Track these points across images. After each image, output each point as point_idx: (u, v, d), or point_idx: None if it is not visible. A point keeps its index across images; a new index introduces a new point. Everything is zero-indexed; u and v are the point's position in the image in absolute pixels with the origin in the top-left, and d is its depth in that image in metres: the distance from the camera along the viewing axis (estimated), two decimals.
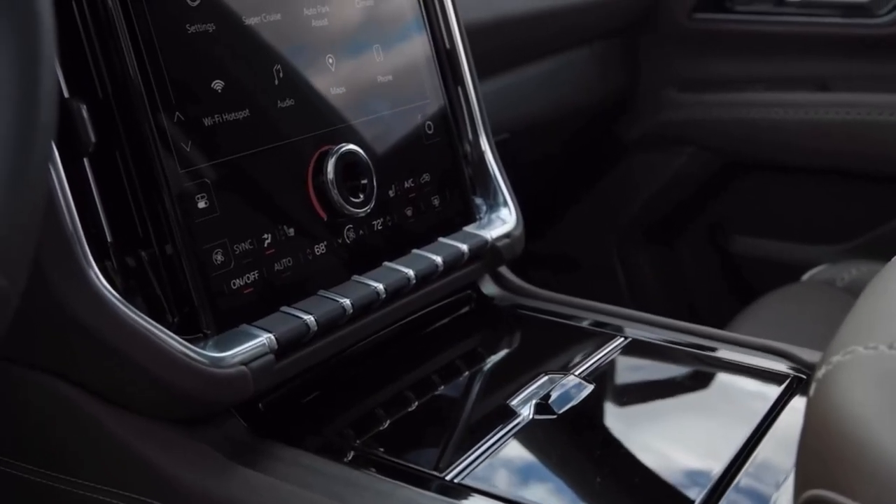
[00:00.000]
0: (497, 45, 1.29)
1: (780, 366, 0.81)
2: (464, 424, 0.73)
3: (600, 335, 0.86)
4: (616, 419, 0.74)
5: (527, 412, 0.72)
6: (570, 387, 0.76)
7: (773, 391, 0.76)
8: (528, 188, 1.72)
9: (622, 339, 0.85)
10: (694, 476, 0.66)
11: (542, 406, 0.73)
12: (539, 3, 1.37)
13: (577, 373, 0.78)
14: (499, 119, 1.26)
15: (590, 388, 0.76)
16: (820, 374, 0.52)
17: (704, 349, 0.84)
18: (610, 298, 1.86)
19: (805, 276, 1.47)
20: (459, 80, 0.95)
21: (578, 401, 0.74)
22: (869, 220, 1.71)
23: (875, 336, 0.51)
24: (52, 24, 0.40)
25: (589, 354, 0.82)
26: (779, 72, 1.71)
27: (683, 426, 0.73)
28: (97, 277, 0.59)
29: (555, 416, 0.72)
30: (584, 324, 0.89)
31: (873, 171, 1.65)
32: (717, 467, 0.66)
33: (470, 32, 0.98)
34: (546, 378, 0.77)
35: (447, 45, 0.95)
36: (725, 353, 0.83)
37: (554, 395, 0.74)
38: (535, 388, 0.76)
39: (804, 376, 0.78)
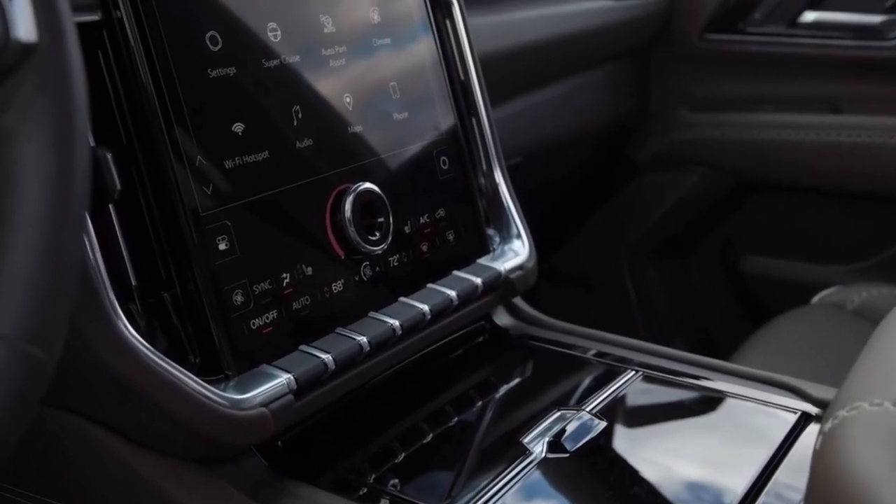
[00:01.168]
0: (510, 72, 1.31)
1: (789, 401, 0.82)
2: (477, 461, 0.74)
3: (611, 368, 0.87)
4: (627, 457, 0.75)
5: (539, 449, 0.74)
6: (582, 423, 0.77)
7: (782, 428, 0.77)
8: (540, 206, 1.74)
9: (633, 372, 0.86)
10: None
11: (555, 444, 0.74)
12: (552, 30, 1.38)
13: (588, 409, 0.79)
14: (511, 143, 1.28)
15: (602, 424, 0.77)
16: (826, 427, 0.53)
17: (714, 383, 0.85)
18: (621, 317, 1.90)
19: (815, 299, 1.48)
20: (474, 111, 0.97)
21: (590, 438, 0.76)
22: (880, 240, 1.72)
23: (880, 391, 0.52)
24: (85, 100, 0.41)
25: (600, 389, 0.83)
26: (790, 93, 1.72)
27: (694, 464, 0.75)
28: (124, 325, 0.60)
29: (567, 455, 0.73)
30: (596, 356, 0.91)
31: (884, 193, 1.66)
32: None
33: (484, 62, 0.99)
34: (558, 414, 0.78)
35: (462, 77, 0.96)
36: (735, 388, 0.84)
37: (566, 433, 0.75)
38: (548, 424, 0.77)
39: (812, 413, 0.79)
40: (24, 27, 0.39)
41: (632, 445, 0.76)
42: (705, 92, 1.79)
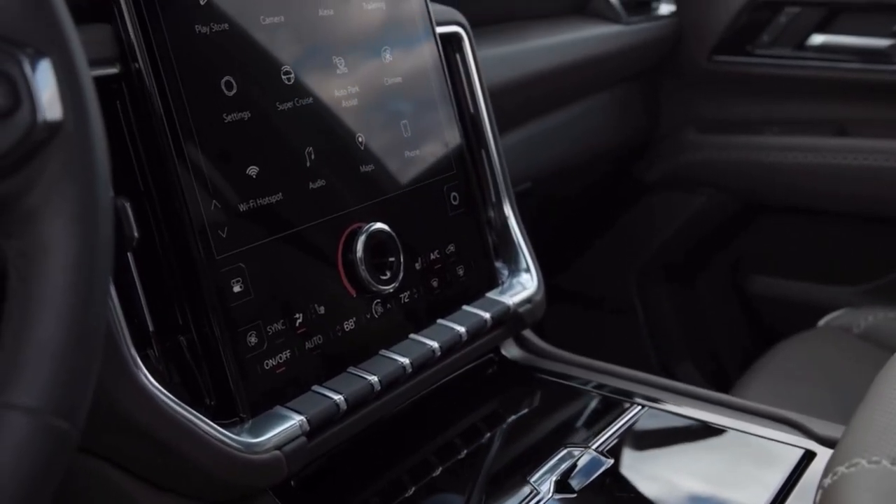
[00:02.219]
0: (520, 101, 1.32)
1: (793, 438, 0.83)
2: (485, 500, 0.76)
3: (618, 404, 0.89)
4: (633, 497, 0.76)
5: (546, 488, 0.75)
6: (589, 461, 0.78)
7: (786, 466, 0.79)
8: (549, 226, 1.76)
9: (639, 407, 0.88)
10: None
11: (562, 483, 0.75)
12: (561, 58, 1.39)
13: (595, 447, 0.81)
14: (521, 168, 1.30)
15: (608, 462, 0.79)
16: (826, 482, 0.54)
17: (719, 418, 0.87)
18: (629, 336, 1.91)
19: (822, 322, 1.49)
20: (483, 144, 0.98)
21: (596, 477, 0.77)
22: (888, 262, 1.73)
23: (879, 448, 0.53)
24: (109, 175, 0.43)
25: (607, 425, 0.84)
26: (798, 115, 1.73)
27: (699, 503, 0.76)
28: (143, 375, 0.62)
29: (574, 495, 0.75)
30: (603, 390, 0.92)
31: (891, 216, 1.67)
32: None
33: (494, 93, 1.01)
34: (565, 451, 0.80)
35: (471, 110, 0.98)
36: (740, 424, 0.85)
37: (574, 471, 0.77)
38: (555, 462, 0.78)
39: (816, 451, 0.80)
40: (51, 107, 0.40)
41: (637, 485, 0.78)
42: (713, 113, 1.80)
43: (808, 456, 0.80)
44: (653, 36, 1.67)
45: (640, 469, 0.80)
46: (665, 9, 1.75)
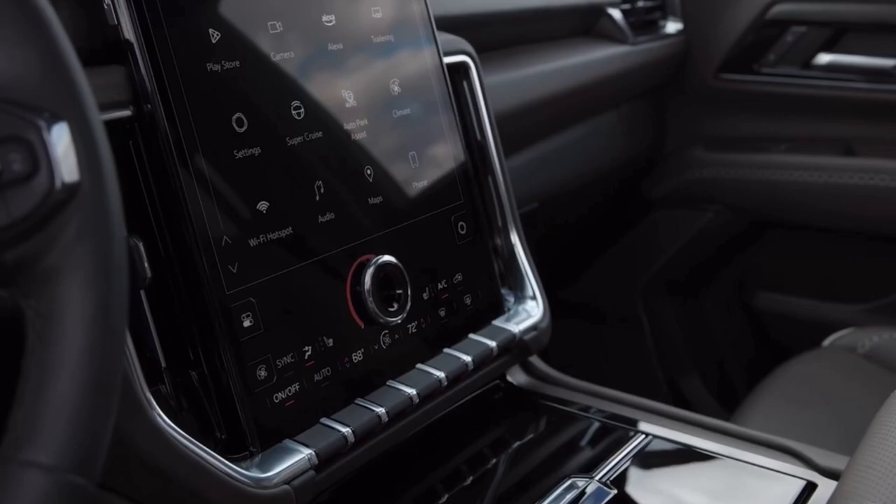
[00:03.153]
0: (527, 124, 1.33)
1: (796, 468, 0.84)
2: None
3: (622, 432, 0.90)
4: None
5: None
6: (593, 493, 0.79)
7: (787, 497, 0.80)
8: (556, 241, 1.77)
9: (642, 436, 0.89)
10: None
11: None
12: (569, 81, 1.40)
13: (599, 477, 0.82)
14: (527, 189, 1.31)
15: (611, 493, 0.80)
16: None
17: (722, 447, 0.87)
18: (635, 350, 1.92)
19: (826, 342, 1.50)
20: (490, 171, 0.99)
21: None
22: (892, 280, 1.74)
23: (876, 494, 0.54)
24: (124, 235, 0.44)
25: (611, 455, 0.85)
26: (804, 133, 1.74)
27: None
28: (158, 416, 0.63)
29: None
30: (607, 418, 0.93)
31: None
32: None
33: (500, 119, 1.02)
34: (569, 482, 0.81)
35: (478, 137, 0.99)
36: (742, 454, 0.86)
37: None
38: (560, 493, 0.79)
39: (817, 482, 0.81)
40: (68, 170, 0.41)
41: None
42: (720, 131, 1.81)
43: (810, 487, 0.81)
44: (659, 55, 1.68)
45: (642, 500, 0.81)
46: (672, 27, 1.76)
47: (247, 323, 0.71)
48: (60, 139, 0.41)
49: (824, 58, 1.70)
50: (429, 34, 0.91)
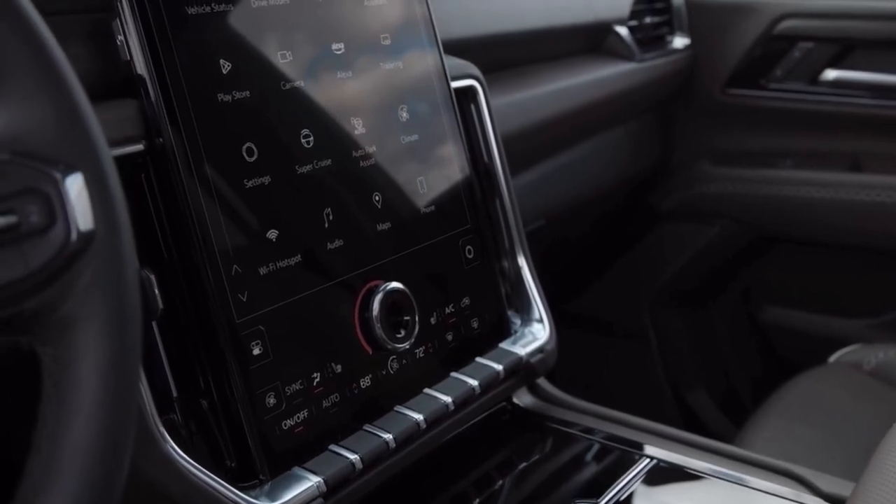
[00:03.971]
0: (534, 143, 1.34)
1: (798, 493, 0.85)
2: None
3: (628, 456, 0.90)
4: None
5: None
6: None
7: None
8: (562, 253, 1.77)
9: (647, 460, 0.89)
10: None
11: None
12: (576, 100, 1.41)
13: (604, 501, 0.82)
14: (534, 206, 1.31)
15: None
16: None
17: (726, 471, 0.88)
18: (641, 362, 1.92)
19: (832, 358, 1.50)
20: (497, 193, 1.00)
21: None
22: None
23: None
24: (137, 281, 0.45)
25: (616, 478, 0.86)
26: (811, 148, 1.75)
27: None
28: (171, 448, 0.64)
29: None
30: (612, 440, 0.93)
31: None
32: None
33: (507, 140, 1.03)
34: None
35: (486, 160, 1.00)
36: (746, 478, 0.87)
37: None
38: None
39: None
40: (84, 220, 0.42)
41: None
42: (727, 145, 1.82)
43: None
44: (667, 71, 1.69)
45: None
46: (679, 42, 1.76)
47: (256, 351, 0.72)
48: (76, 190, 0.42)
49: (831, 74, 1.70)
50: (437, 60, 0.92)
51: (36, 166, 0.42)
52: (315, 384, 0.76)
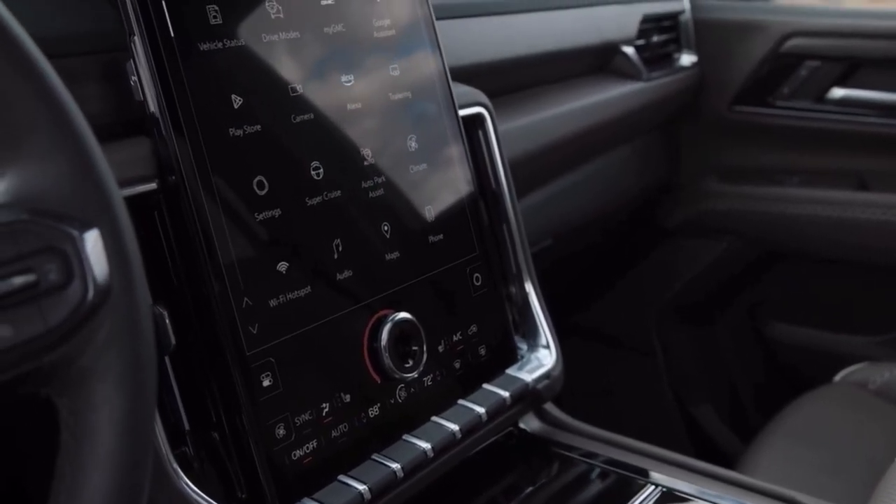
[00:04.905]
0: (541, 165, 1.35)
1: None
2: None
3: (634, 482, 0.91)
4: None
5: None
6: None
7: None
8: (569, 268, 1.78)
9: (652, 487, 0.90)
10: None
11: None
12: (582, 122, 1.42)
13: None
14: (541, 226, 1.32)
15: None
16: None
17: (731, 499, 0.89)
18: (648, 377, 1.93)
19: (838, 377, 1.51)
20: (505, 219, 1.01)
21: None
22: None
23: None
24: (153, 336, 0.46)
25: None
26: (818, 166, 1.76)
27: None
28: (185, 484, 0.65)
29: None
30: (617, 466, 0.94)
31: None
32: None
33: (514, 164, 1.03)
34: None
35: (493, 185, 1.01)
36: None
37: None
38: None
39: None
40: (101, 277, 0.43)
41: None
42: (734, 162, 1.83)
43: None
44: (674, 89, 1.70)
45: None
46: (686, 59, 1.77)
47: (266, 382, 0.73)
48: (93, 247, 0.43)
49: (838, 92, 1.71)
50: (445, 89, 0.93)
51: (53, 225, 0.43)
52: (324, 414, 0.77)
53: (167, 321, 0.67)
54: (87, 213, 0.44)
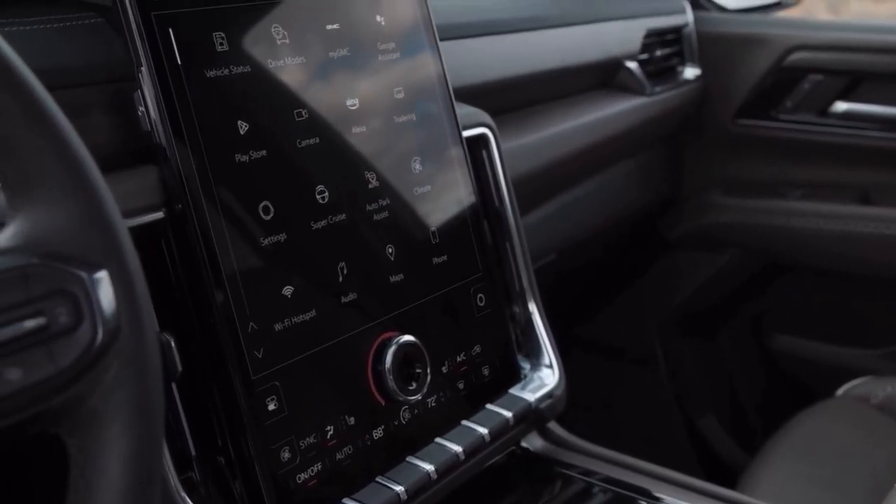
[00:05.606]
0: (545, 182, 1.36)
1: None
2: None
3: (635, 503, 0.92)
4: None
5: None
6: None
7: None
8: (573, 281, 1.79)
9: None
10: None
11: None
12: (586, 139, 1.42)
13: None
14: (544, 241, 1.33)
15: None
16: None
17: None
18: (651, 388, 1.94)
19: (840, 391, 1.51)
20: (508, 238, 1.02)
21: None
22: None
23: None
24: (161, 379, 0.47)
25: None
26: (821, 179, 1.76)
27: None
28: None
29: None
30: (619, 486, 0.95)
31: None
32: None
33: (519, 182, 1.04)
34: None
35: (496, 205, 1.01)
36: None
37: None
38: None
39: None
40: (110, 318, 0.44)
41: None
42: (737, 175, 1.83)
43: None
44: (677, 103, 1.70)
45: None
46: (690, 72, 1.77)
47: (272, 406, 0.74)
48: (102, 289, 0.44)
49: (841, 106, 1.72)
50: (449, 111, 0.93)
51: (63, 268, 0.43)
52: (328, 437, 0.78)
53: (174, 348, 0.68)
54: (96, 256, 0.45)
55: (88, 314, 0.44)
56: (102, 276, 0.44)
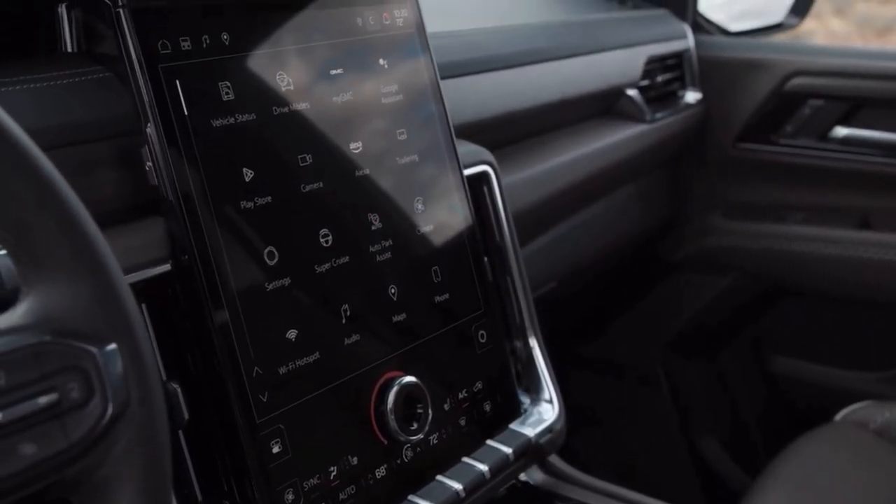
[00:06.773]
0: (545, 212, 1.37)
1: None
2: None
3: None
4: None
5: None
6: None
7: None
8: (576, 302, 1.80)
9: None
10: None
11: None
12: (587, 169, 1.43)
13: None
14: (544, 269, 1.34)
15: None
16: None
17: None
18: (653, 408, 1.95)
19: (839, 416, 1.52)
20: (509, 273, 1.03)
21: None
22: None
23: None
24: (169, 449, 0.48)
25: None
26: (821, 204, 1.77)
27: None
28: None
29: None
30: None
31: None
32: None
33: (520, 215, 1.05)
34: None
35: (497, 239, 1.03)
36: None
37: None
38: None
39: None
40: (120, 392, 0.46)
41: None
42: (738, 199, 1.85)
43: None
44: (678, 128, 1.71)
45: None
46: (691, 97, 1.79)
47: (276, 449, 0.75)
48: (113, 365, 0.46)
49: (841, 131, 1.73)
50: (451, 151, 0.94)
51: (74, 344, 0.45)
52: (332, 478, 0.79)
53: (181, 398, 0.69)
54: (106, 331, 0.46)
55: (99, 388, 0.45)
56: (112, 349, 0.46)
